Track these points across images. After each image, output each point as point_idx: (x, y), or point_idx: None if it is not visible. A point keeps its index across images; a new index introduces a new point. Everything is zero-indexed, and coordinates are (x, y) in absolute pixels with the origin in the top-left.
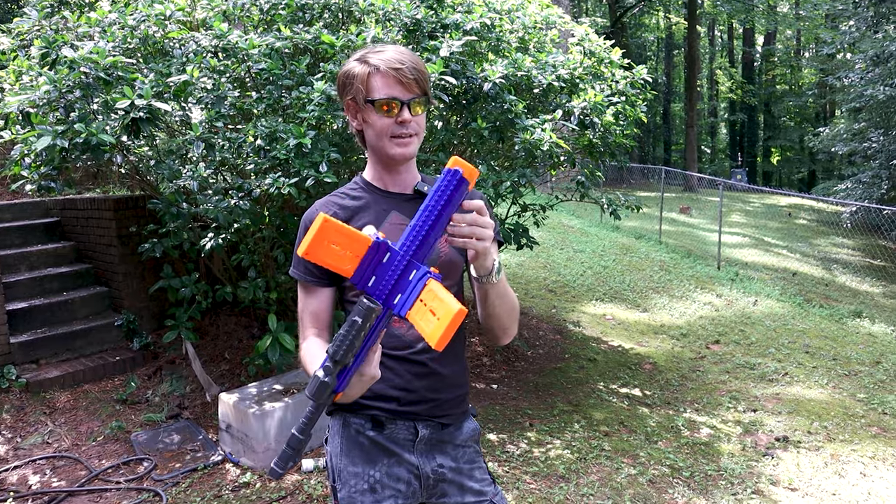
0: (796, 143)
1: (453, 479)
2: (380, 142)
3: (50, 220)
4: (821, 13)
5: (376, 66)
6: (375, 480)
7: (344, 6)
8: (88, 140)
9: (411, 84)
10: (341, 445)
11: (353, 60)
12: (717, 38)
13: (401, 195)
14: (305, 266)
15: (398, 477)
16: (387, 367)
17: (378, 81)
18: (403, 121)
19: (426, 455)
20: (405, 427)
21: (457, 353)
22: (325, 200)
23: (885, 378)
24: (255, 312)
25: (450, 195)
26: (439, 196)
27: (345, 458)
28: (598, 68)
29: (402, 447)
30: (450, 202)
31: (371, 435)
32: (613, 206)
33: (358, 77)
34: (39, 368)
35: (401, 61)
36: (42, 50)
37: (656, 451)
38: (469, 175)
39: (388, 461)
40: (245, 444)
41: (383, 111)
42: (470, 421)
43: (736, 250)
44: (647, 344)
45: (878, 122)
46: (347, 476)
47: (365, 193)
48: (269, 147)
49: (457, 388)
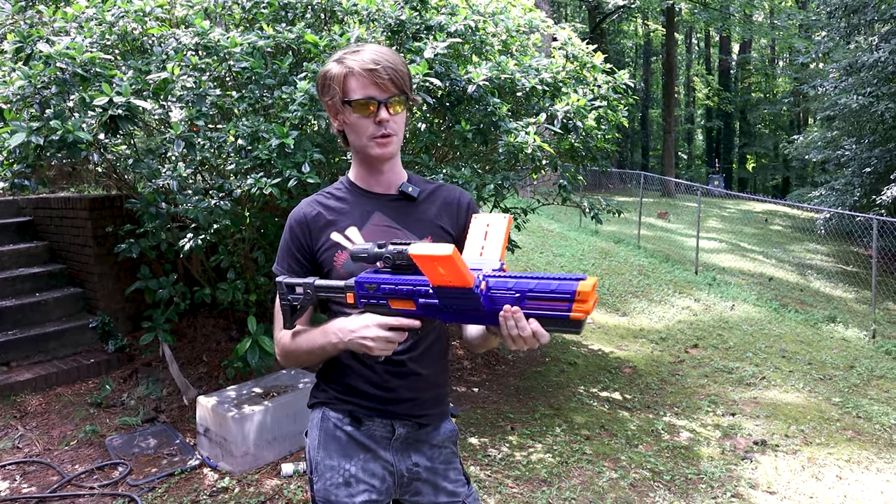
0: (771, 150)
1: (428, 478)
2: (360, 142)
3: (22, 219)
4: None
5: (351, 68)
6: (350, 475)
7: (327, 6)
8: (65, 137)
9: (387, 84)
10: (319, 438)
11: (331, 61)
12: (695, 45)
13: (385, 196)
14: (288, 264)
15: (373, 472)
16: (367, 367)
17: (354, 83)
18: (381, 120)
19: (402, 453)
20: (383, 425)
21: (436, 354)
22: (311, 200)
23: (858, 382)
24: (234, 315)
25: (554, 290)
26: (548, 283)
27: (322, 450)
28: (581, 72)
29: (379, 444)
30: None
31: (349, 430)
32: (595, 210)
33: (335, 79)
34: (10, 371)
35: (376, 61)
36: (16, 44)
37: (637, 455)
38: (581, 297)
39: (364, 456)
40: (223, 448)
41: (361, 112)
42: (448, 422)
43: (713, 255)
44: (626, 348)
45: (851, 131)
46: (323, 469)
47: (349, 194)
48: (251, 147)
49: (435, 387)
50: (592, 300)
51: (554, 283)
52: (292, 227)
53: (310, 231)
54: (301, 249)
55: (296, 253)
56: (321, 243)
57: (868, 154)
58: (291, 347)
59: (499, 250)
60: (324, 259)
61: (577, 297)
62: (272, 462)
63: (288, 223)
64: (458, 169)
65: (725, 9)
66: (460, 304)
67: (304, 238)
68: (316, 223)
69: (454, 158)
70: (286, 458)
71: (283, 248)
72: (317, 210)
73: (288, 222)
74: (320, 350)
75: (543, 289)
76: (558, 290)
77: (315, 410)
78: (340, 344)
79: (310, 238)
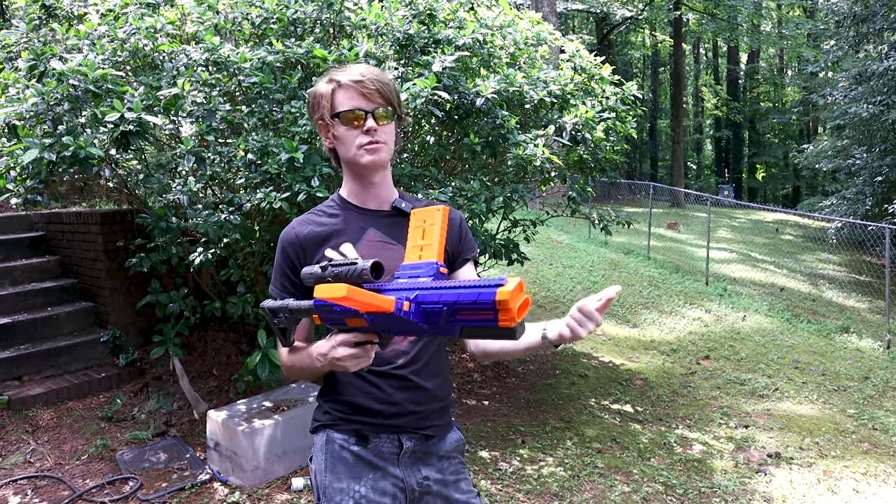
0: (781, 159)
1: (439, 490)
2: (349, 153)
3: (35, 234)
4: (803, 32)
5: (338, 82)
6: (361, 496)
7: (336, 21)
8: (77, 153)
9: (373, 94)
10: (325, 462)
11: (320, 82)
12: (703, 55)
13: (378, 212)
14: (282, 284)
15: (383, 491)
16: (369, 383)
17: (341, 95)
18: (369, 129)
19: (411, 468)
20: (389, 440)
21: (437, 367)
22: (303, 219)
23: (874, 393)
24: (244, 328)
25: (475, 300)
26: (470, 293)
27: (329, 474)
28: (589, 84)
29: (387, 461)
30: (466, 304)
31: (355, 450)
32: (604, 221)
33: (324, 95)
34: (22, 385)
35: (362, 73)
36: (30, 62)
37: (649, 469)
38: (503, 306)
39: (373, 475)
40: (234, 462)
41: (350, 123)
42: (454, 432)
43: (724, 266)
44: (637, 360)
45: (862, 140)
46: (332, 492)
47: (341, 211)
48: (261, 161)
49: (439, 400)
50: (517, 304)
51: (475, 291)
52: (284, 248)
53: (303, 250)
54: (294, 269)
55: (289, 273)
56: (315, 261)
57: (879, 163)
58: (289, 364)
59: (436, 249)
60: None
61: (498, 306)
62: (282, 476)
63: (280, 244)
64: (467, 182)
65: (733, 19)
66: (395, 324)
67: (297, 258)
68: (309, 242)
69: (463, 171)
70: (296, 473)
71: (276, 269)
72: (308, 228)
73: (280, 243)
74: (310, 370)
75: (467, 298)
76: (480, 301)
77: (318, 434)
78: (323, 367)
79: (303, 257)
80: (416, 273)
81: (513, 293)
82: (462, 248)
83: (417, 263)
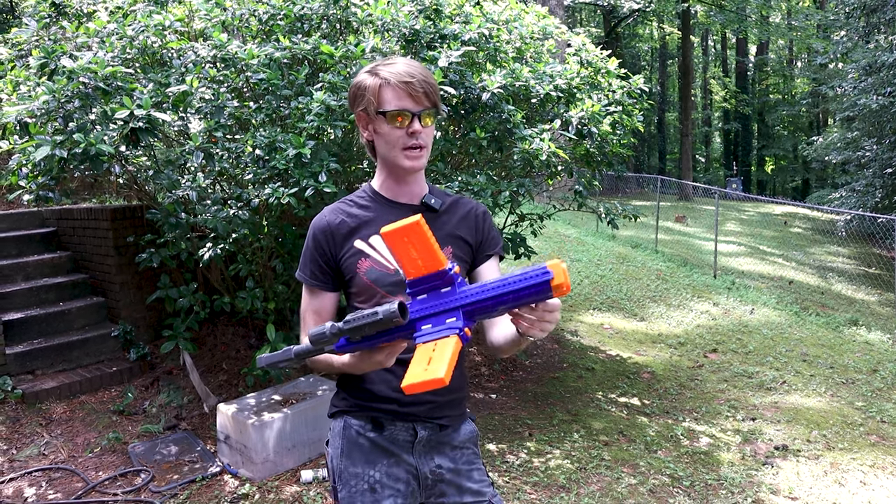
0: (790, 151)
1: (452, 479)
2: (391, 153)
3: (46, 230)
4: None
5: (387, 79)
6: (375, 481)
7: (342, 17)
8: (87, 150)
9: (421, 97)
10: (342, 447)
11: (363, 73)
12: (711, 48)
13: (408, 206)
14: (311, 270)
15: (397, 477)
16: (387, 370)
17: (389, 93)
18: (414, 132)
19: (425, 456)
20: (404, 428)
21: None
22: (334, 207)
23: (882, 386)
24: (253, 323)
25: (530, 290)
26: (522, 285)
27: (345, 459)
28: (595, 78)
29: (402, 448)
30: (525, 295)
31: (371, 436)
32: (611, 215)
33: (369, 89)
34: (35, 379)
35: (411, 74)
36: (40, 60)
37: (656, 461)
38: (557, 285)
39: (388, 462)
40: (244, 455)
41: (394, 122)
42: (468, 423)
43: (732, 259)
44: (645, 353)
45: (872, 131)
46: (348, 477)
47: (372, 203)
48: (269, 157)
49: (454, 391)
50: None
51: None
52: (315, 235)
53: (333, 238)
54: (324, 256)
55: (319, 260)
56: (345, 250)
57: (889, 154)
58: (314, 358)
59: (435, 256)
60: (346, 266)
61: (554, 291)
62: (292, 469)
63: (311, 230)
64: (474, 176)
65: (742, 10)
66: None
67: (328, 245)
68: (339, 230)
69: (469, 166)
70: (305, 465)
71: (305, 255)
72: (340, 218)
73: (311, 229)
74: (338, 369)
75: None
76: (532, 292)
77: (336, 420)
78: (354, 371)
79: (333, 245)
80: (433, 285)
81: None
82: (485, 243)
83: (424, 277)
